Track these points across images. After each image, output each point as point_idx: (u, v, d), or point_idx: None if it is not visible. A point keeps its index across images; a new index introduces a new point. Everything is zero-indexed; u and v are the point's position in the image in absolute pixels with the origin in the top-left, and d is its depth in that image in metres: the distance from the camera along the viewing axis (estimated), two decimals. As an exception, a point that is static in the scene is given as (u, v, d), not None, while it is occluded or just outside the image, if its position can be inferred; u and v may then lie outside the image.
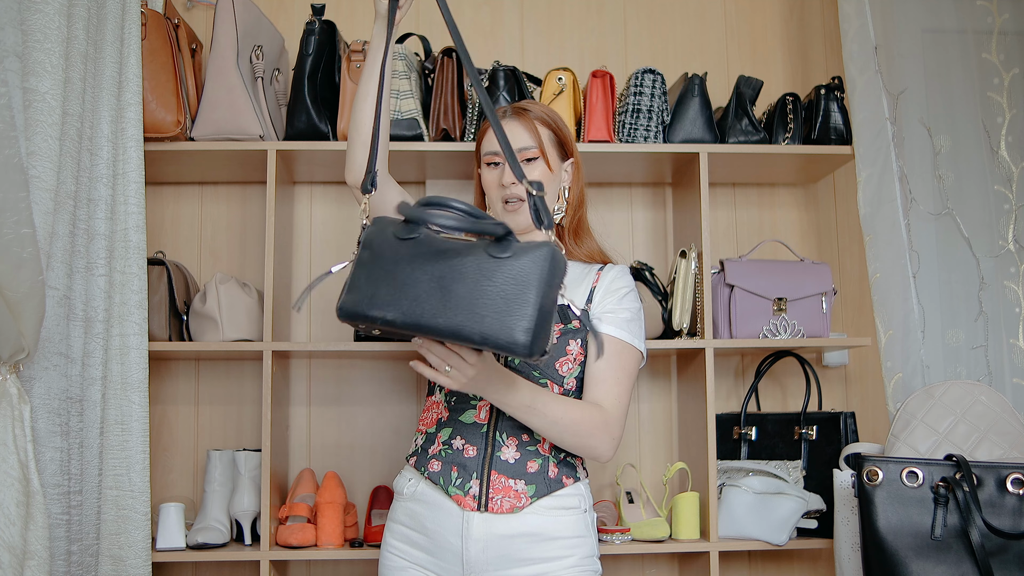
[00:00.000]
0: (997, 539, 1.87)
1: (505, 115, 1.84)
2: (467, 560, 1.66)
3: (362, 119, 1.75)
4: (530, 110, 1.84)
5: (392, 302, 1.39)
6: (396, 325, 1.38)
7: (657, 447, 2.63)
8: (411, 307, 1.38)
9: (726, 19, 2.81)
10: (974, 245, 2.36)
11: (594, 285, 1.80)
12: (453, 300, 1.36)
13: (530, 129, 1.81)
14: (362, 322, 1.41)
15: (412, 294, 1.38)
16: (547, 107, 1.88)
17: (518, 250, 1.39)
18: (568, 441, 1.66)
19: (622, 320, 1.76)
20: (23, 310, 1.61)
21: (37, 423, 1.80)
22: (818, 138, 2.44)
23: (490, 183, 1.83)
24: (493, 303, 1.35)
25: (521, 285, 1.36)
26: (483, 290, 1.36)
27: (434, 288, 1.38)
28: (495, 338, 1.34)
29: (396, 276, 1.40)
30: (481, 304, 1.35)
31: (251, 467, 2.32)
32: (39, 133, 1.70)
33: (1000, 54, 2.41)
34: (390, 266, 1.41)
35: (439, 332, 1.37)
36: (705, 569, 2.32)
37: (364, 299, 1.41)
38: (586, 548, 1.71)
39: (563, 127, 1.86)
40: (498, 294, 1.36)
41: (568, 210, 1.87)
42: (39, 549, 1.66)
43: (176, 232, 2.60)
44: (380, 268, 1.42)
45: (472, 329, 1.35)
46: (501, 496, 1.66)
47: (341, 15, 2.67)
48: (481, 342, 1.35)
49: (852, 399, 2.70)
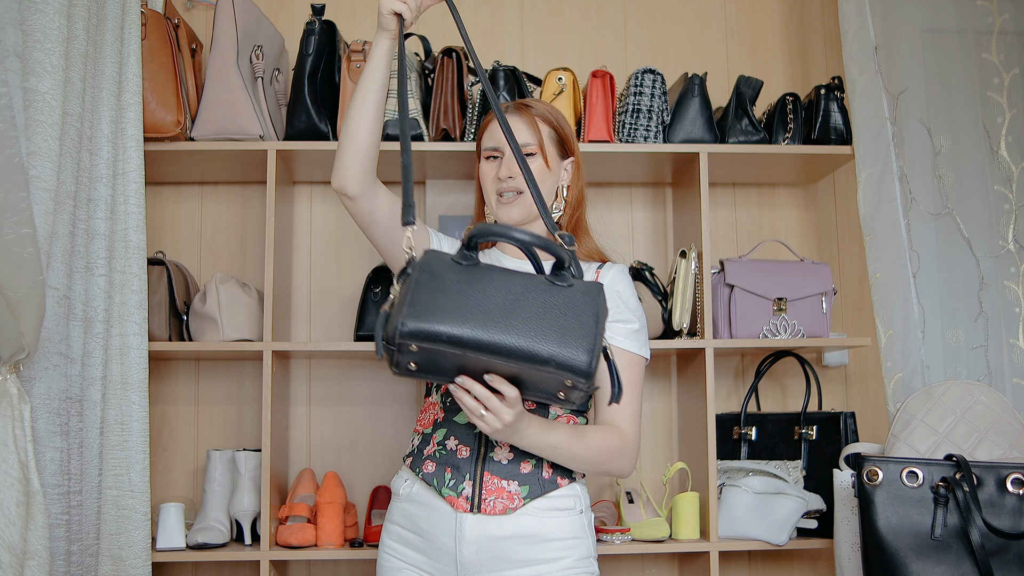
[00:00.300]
0: (997, 539, 1.87)
1: (508, 111, 1.85)
2: (461, 562, 1.65)
3: (357, 126, 1.71)
4: (532, 107, 1.84)
5: (461, 318, 1.37)
6: (463, 342, 1.36)
7: (657, 447, 2.63)
8: (480, 324, 1.37)
9: (726, 19, 2.81)
10: (974, 245, 2.36)
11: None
12: (519, 320, 1.38)
13: (531, 125, 1.81)
14: (424, 340, 1.37)
15: (479, 312, 1.38)
16: (550, 106, 1.88)
17: (575, 282, 1.47)
18: (591, 470, 1.69)
19: (631, 332, 1.76)
20: (23, 310, 1.61)
21: (37, 423, 1.80)
22: (818, 138, 2.44)
23: (487, 175, 1.83)
24: (558, 325, 1.39)
25: (582, 312, 1.41)
26: (548, 313, 1.39)
27: (500, 308, 1.39)
28: (561, 358, 1.37)
29: (463, 295, 1.40)
30: (546, 325, 1.38)
31: (251, 467, 2.32)
32: (39, 133, 1.70)
33: (1000, 54, 2.41)
34: (454, 287, 1.40)
35: (507, 350, 1.37)
36: (705, 569, 2.32)
37: (430, 314, 1.37)
38: (582, 549, 1.70)
39: (565, 126, 1.87)
40: (562, 317, 1.40)
41: (567, 209, 1.87)
42: (39, 549, 1.66)
43: (176, 232, 2.60)
44: (444, 288, 1.40)
45: (540, 348, 1.37)
46: (494, 497, 1.65)
47: (341, 15, 2.67)
48: (547, 360, 1.37)
49: (852, 399, 2.70)
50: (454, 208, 2.60)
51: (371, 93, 1.71)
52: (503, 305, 1.39)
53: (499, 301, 1.39)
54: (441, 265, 1.44)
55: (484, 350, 1.37)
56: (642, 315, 1.81)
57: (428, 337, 1.36)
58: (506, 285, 1.43)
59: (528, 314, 1.39)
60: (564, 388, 1.43)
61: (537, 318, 1.39)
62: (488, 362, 1.40)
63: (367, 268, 2.50)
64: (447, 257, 1.47)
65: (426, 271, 1.43)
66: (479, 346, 1.37)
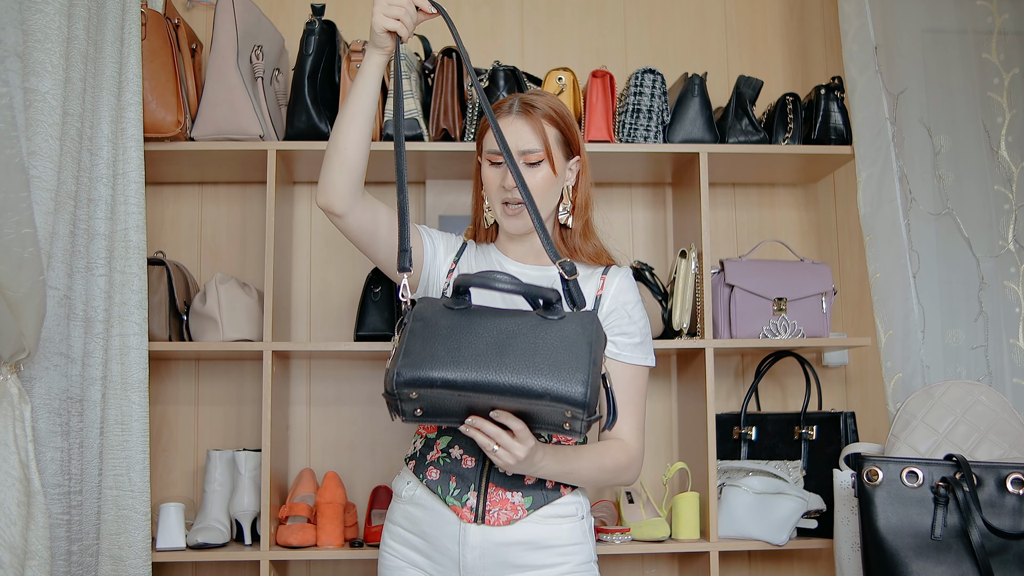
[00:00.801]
0: (997, 539, 1.87)
1: (511, 110, 1.74)
2: (464, 566, 1.66)
3: (346, 141, 1.64)
4: (537, 107, 1.73)
5: (452, 362, 1.41)
6: (457, 384, 1.40)
7: (657, 447, 2.63)
8: (472, 365, 1.40)
9: (726, 19, 2.81)
10: (974, 245, 2.36)
11: (599, 292, 1.77)
12: (511, 357, 1.41)
13: (536, 129, 1.71)
14: (420, 386, 1.41)
15: (471, 353, 1.41)
16: (555, 100, 1.77)
17: (567, 314, 1.49)
18: (600, 486, 1.73)
19: (635, 345, 1.74)
20: (24, 310, 1.61)
21: (38, 423, 1.80)
22: (818, 138, 2.44)
23: (491, 181, 1.75)
24: (551, 359, 1.41)
25: (575, 343, 1.44)
26: (540, 348, 1.42)
27: (492, 347, 1.42)
28: (556, 391, 1.39)
29: (454, 339, 1.43)
30: (539, 360, 1.41)
31: (251, 467, 2.32)
32: (40, 133, 1.70)
33: (1000, 54, 2.41)
34: (446, 331, 1.45)
35: (500, 388, 1.39)
36: (705, 569, 2.32)
37: (423, 361, 1.41)
38: (582, 555, 1.70)
39: (571, 124, 1.77)
40: (554, 351, 1.42)
41: (574, 211, 1.80)
42: (40, 549, 1.66)
43: (176, 232, 2.60)
44: (436, 334, 1.44)
45: (534, 383, 1.39)
46: (498, 508, 1.66)
47: (341, 15, 2.67)
48: (542, 395, 1.39)
49: (852, 399, 2.70)
50: (454, 208, 2.60)
51: (361, 108, 1.64)
52: (495, 344, 1.42)
53: (491, 341, 1.43)
54: (433, 311, 1.49)
55: (480, 390, 1.40)
56: (646, 323, 1.79)
57: (424, 383, 1.40)
58: (497, 324, 1.46)
59: (521, 351, 1.42)
60: (567, 419, 1.45)
61: (529, 354, 1.42)
62: (489, 400, 1.44)
63: (367, 268, 2.50)
64: (439, 303, 1.51)
65: (419, 319, 1.47)
66: (474, 387, 1.40)
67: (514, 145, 1.70)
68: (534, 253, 1.81)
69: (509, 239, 1.82)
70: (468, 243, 1.87)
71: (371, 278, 2.42)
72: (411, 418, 1.49)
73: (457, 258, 1.83)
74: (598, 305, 1.76)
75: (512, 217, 1.74)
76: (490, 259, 1.84)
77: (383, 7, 1.58)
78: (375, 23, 1.59)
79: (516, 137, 1.71)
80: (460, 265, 1.82)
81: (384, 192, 2.65)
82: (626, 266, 1.85)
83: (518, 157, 1.70)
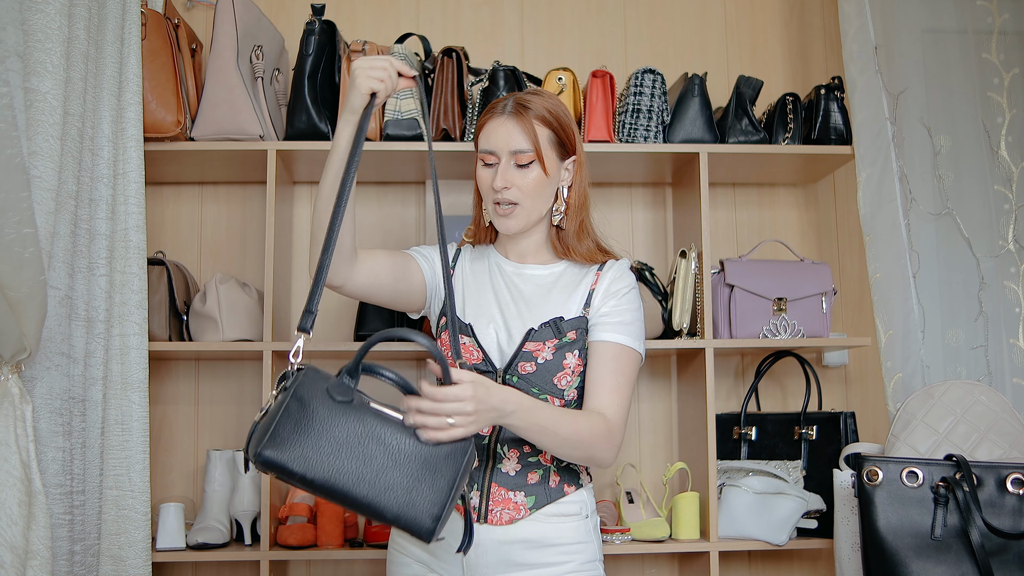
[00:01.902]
0: (997, 539, 1.87)
1: (505, 110, 1.74)
2: (467, 564, 1.67)
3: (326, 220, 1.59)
4: (531, 107, 1.72)
5: (316, 461, 1.37)
6: (314, 485, 1.37)
7: (657, 447, 2.63)
8: (335, 470, 1.37)
9: (726, 19, 2.81)
10: (974, 245, 2.36)
11: (592, 287, 1.76)
12: (373, 473, 1.38)
13: (526, 129, 1.70)
14: (281, 474, 1.38)
15: (337, 457, 1.38)
16: (552, 100, 1.75)
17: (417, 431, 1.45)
18: (573, 455, 1.63)
19: (622, 324, 1.72)
20: (25, 310, 1.61)
21: (39, 423, 1.80)
22: (818, 138, 2.45)
23: (483, 180, 1.75)
24: (412, 482, 1.39)
25: (441, 473, 1.41)
26: (404, 467, 1.39)
27: (358, 456, 1.39)
28: (406, 519, 1.38)
29: (324, 437, 1.39)
30: (399, 482, 1.39)
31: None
32: (40, 133, 1.70)
33: (1000, 54, 2.41)
34: (319, 425, 1.39)
35: (355, 501, 1.38)
36: (705, 569, 2.33)
37: (288, 449, 1.37)
38: (587, 553, 1.70)
39: (566, 124, 1.75)
40: (418, 475, 1.40)
41: (569, 212, 1.79)
42: (41, 549, 1.66)
43: (176, 232, 2.60)
44: (309, 425, 1.39)
45: (388, 505, 1.38)
46: (500, 508, 1.66)
47: (341, 15, 2.67)
48: (393, 520, 1.38)
49: (852, 399, 2.70)
50: (454, 208, 2.60)
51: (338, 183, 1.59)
52: (361, 454, 1.39)
53: (357, 449, 1.39)
54: (313, 395, 1.42)
55: (334, 496, 1.38)
56: (637, 308, 1.76)
57: (282, 471, 1.37)
58: (373, 432, 1.41)
59: (384, 467, 1.39)
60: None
61: (392, 471, 1.39)
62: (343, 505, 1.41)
63: (367, 268, 2.49)
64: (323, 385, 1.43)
65: (297, 398, 1.40)
66: (330, 491, 1.37)
67: (505, 145, 1.71)
68: (532, 252, 1.81)
69: (508, 239, 1.82)
70: (462, 249, 1.88)
71: (371, 278, 2.42)
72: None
73: (454, 264, 1.84)
74: (589, 301, 1.75)
75: (503, 217, 1.74)
76: (488, 261, 1.83)
77: (365, 69, 1.57)
78: (360, 84, 1.57)
79: (507, 137, 1.71)
80: (457, 271, 1.83)
81: (384, 191, 2.65)
82: (624, 259, 1.83)
83: (510, 157, 1.71)
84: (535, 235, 1.81)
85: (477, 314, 1.75)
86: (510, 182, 1.70)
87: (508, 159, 1.71)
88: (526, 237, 1.80)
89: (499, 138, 1.71)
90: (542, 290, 1.77)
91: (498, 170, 1.71)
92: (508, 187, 1.70)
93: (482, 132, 1.76)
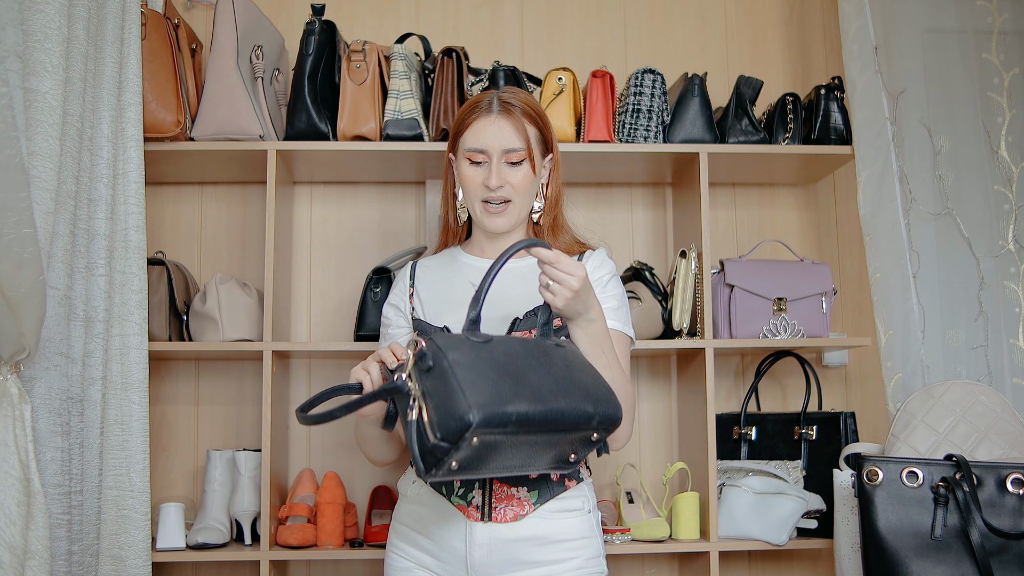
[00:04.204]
0: (997, 539, 1.87)
1: (492, 108, 1.76)
2: (471, 564, 1.66)
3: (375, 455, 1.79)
4: (516, 106, 1.75)
5: (519, 395, 1.30)
6: (531, 418, 1.30)
7: (657, 447, 2.63)
8: (538, 396, 1.32)
9: (726, 19, 2.81)
10: (974, 245, 2.36)
11: None
12: (564, 381, 1.38)
13: (518, 128, 1.73)
14: (495, 426, 1.26)
15: (530, 385, 1.34)
16: (529, 98, 1.79)
17: (563, 341, 1.51)
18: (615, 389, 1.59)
19: (610, 310, 1.74)
20: (24, 310, 1.61)
21: (38, 423, 1.80)
22: (818, 138, 2.45)
23: (471, 179, 1.76)
24: (586, 383, 1.41)
25: (587, 367, 1.46)
26: (575, 374, 1.42)
27: (546, 376, 1.37)
28: (603, 413, 1.39)
29: (507, 371, 1.33)
30: (580, 386, 1.39)
31: (251, 467, 2.32)
32: (40, 133, 1.70)
33: (1000, 54, 2.41)
34: (492, 364, 1.33)
35: (570, 416, 1.34)
36: (705, 569, 2.32)
37: (493, 399, 1.27)
38: (591, 549, 1.70)
39: (548, 122, 1.81)
40: (581, 376, 1.42)
41: (547, 207, 1.83)
42: (40, 549, 1.66)
43: (176, 232, 2.60)
44: (483, 368, 1.31)
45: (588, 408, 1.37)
46: (504, 505, 1.66)
47: (341, 15, 2.67)
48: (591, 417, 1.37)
49: (852, 399, 2.70)
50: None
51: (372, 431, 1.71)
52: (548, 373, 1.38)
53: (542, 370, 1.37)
54: (462, 346, 1.34)
55: (550, 422, 1.32)
56: (621, 293, 1.78)
57: (499, 422, 1.26)
58: (529, 348, 1.42)
59: (566, 379, 1.39)
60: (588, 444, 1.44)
61: (570, 371, 1.41)
62: (528, 440, 1.35)
63: (367, 268, 2.50)
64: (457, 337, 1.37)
65: (445, 357, 1.31)
66: (545, 419, 1.31)
67: (498, 144, 1.73)
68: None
69: (487, 238, 1.83)
70: (416, 264, 1.88)
71: (371, 278, 2.42)
72: (445, 473, 1.31)
73: (412, 283, 1.85)
74: None
75: (495, 215, 1.76)
76: (456, 263, 1.85)
77: (361, 364, 1.58)
78: (352, 372, 1.60)
79: (500, 136, 1.73)
80: (417, 284, 1.84)
81: (384, 191, 2.65)
82: (602, 248, 1.86)
83: (501, 155, 1.73)
84: (517, 232, 1.83)
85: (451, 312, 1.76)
86: (503, 180, 1.73)
87: (500, 157, 1.73)
88: (508, 234, 1.82)
89: (490, 136, 1.73)
90: (522, 280, 1.78)
91: (491, 168, 1.73)
92: (502, 185, 1.73)
93: (469, 131, 1.76)
